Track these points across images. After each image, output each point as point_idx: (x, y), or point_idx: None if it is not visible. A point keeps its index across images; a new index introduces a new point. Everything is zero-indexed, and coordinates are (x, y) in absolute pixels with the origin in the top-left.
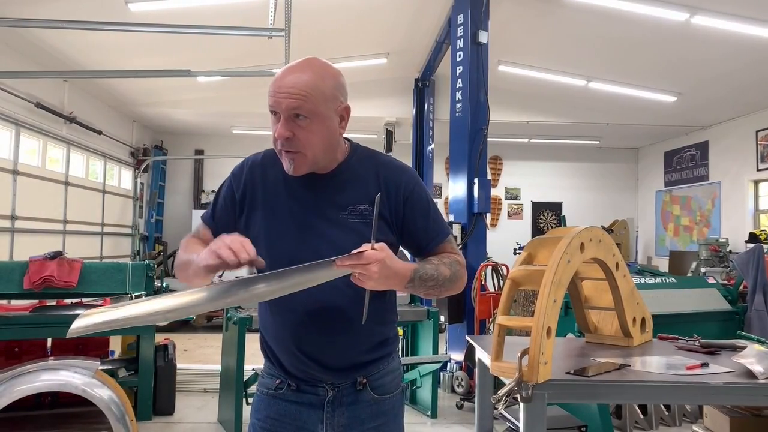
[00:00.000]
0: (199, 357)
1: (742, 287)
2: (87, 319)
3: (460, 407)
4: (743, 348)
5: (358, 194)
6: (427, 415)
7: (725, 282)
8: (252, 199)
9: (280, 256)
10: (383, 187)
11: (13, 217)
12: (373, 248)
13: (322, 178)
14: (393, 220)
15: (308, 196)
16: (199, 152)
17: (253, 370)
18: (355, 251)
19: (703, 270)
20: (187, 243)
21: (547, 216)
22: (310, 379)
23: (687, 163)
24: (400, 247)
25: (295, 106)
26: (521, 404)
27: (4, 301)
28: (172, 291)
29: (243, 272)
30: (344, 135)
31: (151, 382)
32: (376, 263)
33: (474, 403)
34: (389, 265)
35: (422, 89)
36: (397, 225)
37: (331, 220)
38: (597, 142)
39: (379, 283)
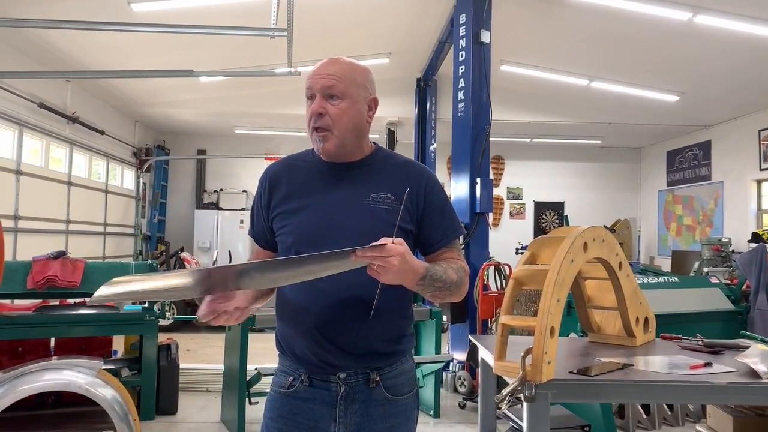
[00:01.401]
0: (201, 357)
1: (745, 287)
2: (111, 288)
3: (462, 407)
4: (747, 347)
5: (380, 184)
6: (430, 415)
7: (728, 282)
8: (278, 197)
9: (305, 237)
10: (406, 181)
11: (17, 217)
12: (393, 243)
13: (347, 167)
14: (414, 212)
15: (332, 185)
16: (202, 152)
17: (255, 369)
18: (375, 243)
19: (705, 270)
20: None
21: (549, 216)
22: (324, 365)
23: (689, 163)
24: None
25: (330, 85)
26: (524, 404)
27: (7, 301)
28: None
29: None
30: None
31: (154, 381)
32: (397, 257)
33: (476, 402)
34: (407, 260)
35: (424, 89)
36: (417, 218)
37: (354, 205)
38: (599, 142)
39: (396, 276)
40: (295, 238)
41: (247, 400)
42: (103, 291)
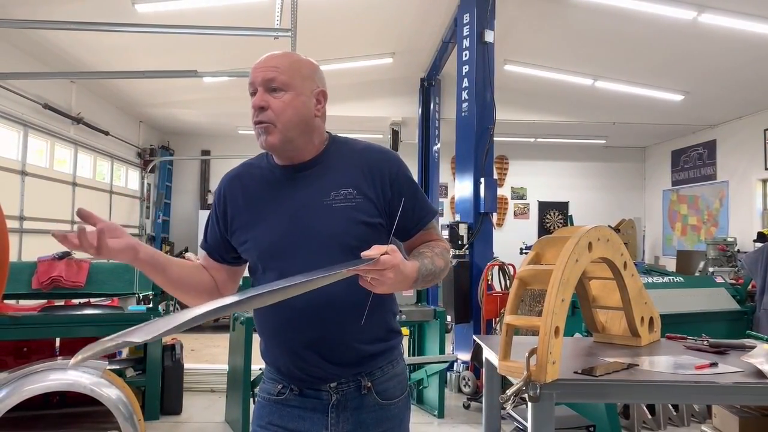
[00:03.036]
0: (206, 357)
1: (750, 287)
2: (90, 351)
3: (467, 407)
4: (752, 348)
5: (340, 179)
6: (434, 415)
7: (733, 281)
8: (234, 210)
9: (271, 254)
10: (367, 170)
11: (22, 218)
12: (386, 252)
13: (302, 167)
14: (380, 203)
15: (290, 189)
16: (206, 152)
17: (260, 369)
18: (366, 254)
19: (711, 269)
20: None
21: (553, 215)
22: (313, 379)
23: (694, 162)
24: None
25: (271, 77)
26: (529, 404)
27: (12, 301)
28: None
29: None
30: (348, 135)
31: (159, 381)
32: (392, 269)
33: (481, 402)
34: (402, 270)
35: (428, 89)
36: (384, 208)
37: (316, 207)
38: (604, 142)
39: (391, 288)
40: (259, 252)
41: (251, 400)
42: (84, 355)
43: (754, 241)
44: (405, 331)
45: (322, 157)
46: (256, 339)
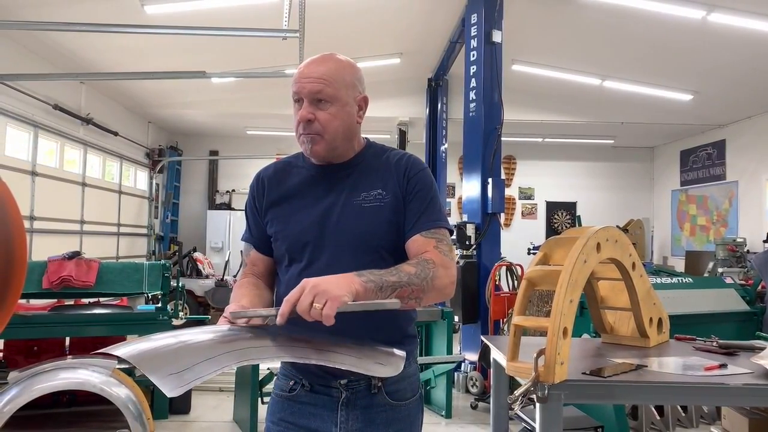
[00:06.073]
0: None
1: (760, 287)
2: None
3: (474, 407)
4: (762, 349)
5: (372, 180)
6: (442, 415)
7: (743, 282)
8: (269, 202)
9: (300, 247)
10: (394, 170)
11: (32, 218)
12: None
13: (337, 168)
14: (401, 199)
15: (323, 188)
16: (214, 153)
17: (268, 369)
18: (283, 311)
19: (720, 270)
20: (237, 287)
21: (561, 216)
22: (324, 373)
23: (703, 162)
24: None
25: (318, 90)
26: (537, 405)
27: (23, 301)
28: (187, 291)
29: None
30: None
31: None
32: (306, 291)
33: (488, 403)
34: (319, 283)
35: (435, 89)
36: (402, 203)
37: (346, 206)
38: (612, 142)
39: (332, 302)
40: (289, 244)
41: (259, 399)
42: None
43: (764, 241)
44: None
45: (358, 159)
46: None
